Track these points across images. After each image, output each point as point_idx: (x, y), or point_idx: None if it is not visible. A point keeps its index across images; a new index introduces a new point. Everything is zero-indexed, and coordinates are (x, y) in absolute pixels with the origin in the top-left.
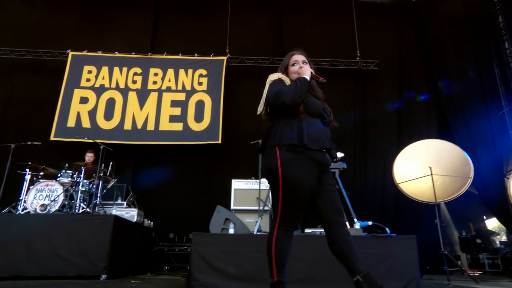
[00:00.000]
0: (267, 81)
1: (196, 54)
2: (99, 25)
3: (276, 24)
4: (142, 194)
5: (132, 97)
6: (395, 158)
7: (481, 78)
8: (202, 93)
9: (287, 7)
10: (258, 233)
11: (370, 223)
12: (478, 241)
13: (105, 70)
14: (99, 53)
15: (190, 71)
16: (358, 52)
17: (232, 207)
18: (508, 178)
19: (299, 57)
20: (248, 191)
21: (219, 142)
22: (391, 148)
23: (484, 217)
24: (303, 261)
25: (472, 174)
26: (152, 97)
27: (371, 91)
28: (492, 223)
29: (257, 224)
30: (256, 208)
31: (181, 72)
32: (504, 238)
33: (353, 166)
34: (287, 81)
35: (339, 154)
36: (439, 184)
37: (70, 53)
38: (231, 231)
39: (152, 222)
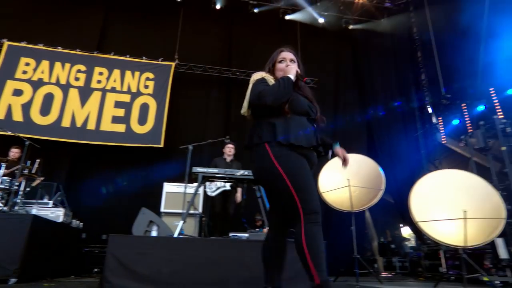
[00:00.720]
0: (251, 80)
1: (144, 57)
2: (44, 18)
3: (226, 37)
4: (77, 194)
5: (73, 94)
6: (321, 170)
7: (402, 104)
8: (147, 96)
9: (237, 23)
10: (181, 236)
11: (264, 229)
12: (393, 246)
13: (45, 64)
14: (40, 46)
15: (137, 73)
16: None
17: (162, 209)
18: None
19: (287, 55)
20: (179, 195)
21: (161, 146)
22: (324, 161)
23: (401, 225)
24: (217, 264)
25: (383, 187)
26: (95, 96)
27: None
28: (408, 231)
29: (179, 227)
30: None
31: (128, 73)
32: (414, 243)
33: None
34: (271, 80)
35: None
36: (356, 194)
37: (6, 43)
38: (154, 233)
39: (81, 223)
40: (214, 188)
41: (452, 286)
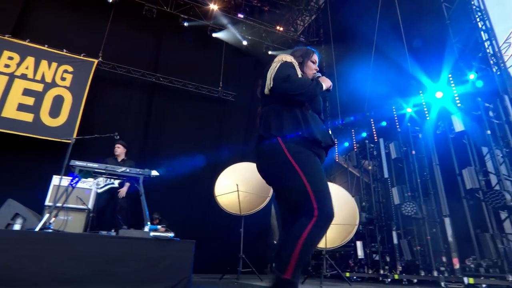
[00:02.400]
0: (277, 60)
1: (65, 50)
2: None
3: (154, 44)
4: None
5: None
6: (219, 175)
7: None
8: (63, 89)
9: (166, 32)
10: (50, 230)
11: (159, 227)
12: None
13: None
14: None
15: (54, 64)
16: (220, 83)
17: (46, 203)
18: None
19: (317, 59)
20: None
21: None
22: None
23: None
24: (80, 261)
25: (271, 194)
26: (0, 80)
27: (227, 118)
28: None
29: (42, 221)
30: (74, 206)
31: (43, 63)
32: None
33: (206, 178)
34: (298, 68)
35: (154, 173)
36: (247, 199)
37: None
38: (17, 227)
39: None
40: (102, 184)
41: (314, 281)
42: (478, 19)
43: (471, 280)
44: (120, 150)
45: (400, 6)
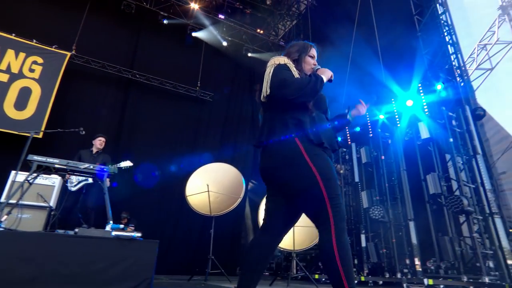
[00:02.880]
0: (270, 64)
1: (34, 40)
2: None
3: (132, 39)
4: None
5: None
6: (191, 175)
7: None
8: (31, 81)
9: (145, 29)
10: (0, 229)
11: (121, 226)
12: None
13: None
14: None
15: (22, 54)
16: (198, 83)
17: (2, 199)
18: None
19: (315, 53)
20: (26, 185)
21: (40, 136)
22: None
23: None
24: (32, 262)
25: (242, 195)
26: None
27: (203, 117)
28: None
29: None
30: (34, 203)
31: (10, 52)
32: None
33: (180, 178)
34: (293, 69)
35: (128, 163)
36: (218, 200)
37: None
38: None
39: None
40: (75, 182)
41: (283, 282)
42: (445, 33)
43: (431, 281)
44: (104, 144)
45: (376, 16)
